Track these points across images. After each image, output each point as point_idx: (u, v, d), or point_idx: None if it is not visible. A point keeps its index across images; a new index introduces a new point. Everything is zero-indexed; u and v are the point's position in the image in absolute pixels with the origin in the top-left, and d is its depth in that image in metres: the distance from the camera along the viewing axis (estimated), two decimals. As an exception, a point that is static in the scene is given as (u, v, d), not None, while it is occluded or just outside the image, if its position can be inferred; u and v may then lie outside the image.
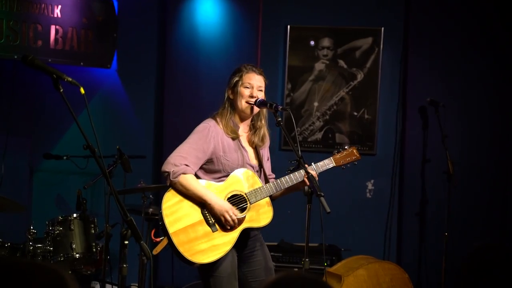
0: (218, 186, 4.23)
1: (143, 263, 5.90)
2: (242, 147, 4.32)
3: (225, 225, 4.17)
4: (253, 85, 4.30)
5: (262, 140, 4.40)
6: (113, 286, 5.96)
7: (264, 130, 4.42)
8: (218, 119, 4.32)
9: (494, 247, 2.60)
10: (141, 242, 3.24)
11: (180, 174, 4.13)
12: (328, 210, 3.91)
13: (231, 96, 4.35)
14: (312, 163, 4.35)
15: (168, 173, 4.14)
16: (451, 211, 6.17)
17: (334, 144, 6.84)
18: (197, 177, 4.25)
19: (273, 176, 4.50)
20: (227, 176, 4.24)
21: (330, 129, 6.88)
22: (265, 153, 4.47)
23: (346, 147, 4.49)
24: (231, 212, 4.15)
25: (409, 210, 6.73)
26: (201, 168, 4.25)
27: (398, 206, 6.82)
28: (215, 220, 4.18)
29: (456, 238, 6.29)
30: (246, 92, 4.29)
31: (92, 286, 6.31)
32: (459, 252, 6.39)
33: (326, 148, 6.81)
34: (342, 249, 6.48)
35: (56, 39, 6.16)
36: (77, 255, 5.44)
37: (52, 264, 2.44)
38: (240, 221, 4.20)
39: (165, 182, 4.29)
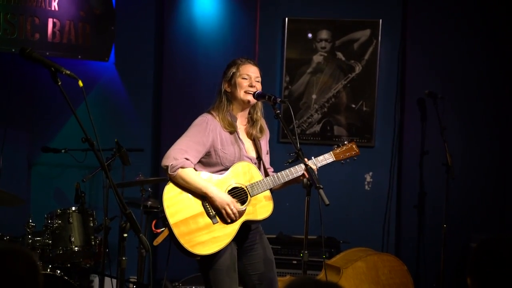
0: (219, 179, 4.23)
1: (142, 256, 5.91)
2: (240, 139, 4.32)
3: (225, 218, 4.17)
4: (251, 76, 4.31)
5: (261, 131, 4.41)
6: (112, 279, 5.96)
7: (262, 122, 4.44)
8: (214, 113, 4.32)
9: (503, 239, 2.60)
10: (140, 235, 3.25)
11: (178, 168, 4.13)
12: (327, 202, 3.91)
13: (228, 89, 4.35)
14: (312, 157, 4.37)
15: (168, 166, 4.14)
16: (450, 203, 6.18)
17: (332, 136, 6.84)
18: (196, 170, 4.25)
19: (272, 169, 4.51)
20: (225, 169, 4.25)
21: (328, 122, 6.88)
22: (264, 146, 4.47)
23: (345, 142, 4.52)
24: (232, 205, 4.15)
25: (408, 202, 6.73)
26: (199, 161, 4.26)
27: (397, 198, 6.83)
28: (216, 212, 4.19)
29: (454, 229, 6.30)
30: (244, 82, 4.30)
31: (91, 279, 6.32)
32: (457, 243, 6.42)
33: (324, 141, 6.82)
34: (341, 241, 6.49)
35: (53, 32, 6.15)
36: (76, 248, 5.44)
37: (21, 247, 2.46)
38: (241, 213, 4.21)
39: (164, 175, 4.30)
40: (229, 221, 4.18)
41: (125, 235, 3.34)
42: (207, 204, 4.19)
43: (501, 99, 6.67)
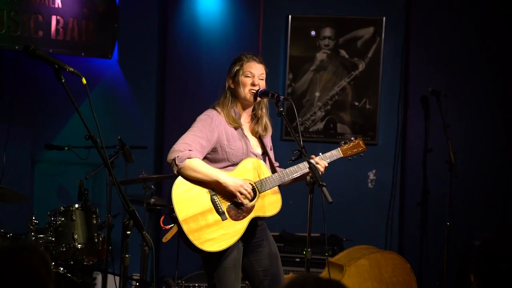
0: (228, 174, 4.22)
1: (145, 253, 5.91)
2: (245, 136, 4.32)
3: (242, 200, 4.16)
4: (254, 74, 4.29)
5: (265, 129, 4.41)
6: (115, 277, 5.96)
7: (266, 119, 4.43)
8: (219, 109, 4.31)
9: (506, 237, 2.60)
10: (143, 232, 3.25)
11: (185, 159, 4.10)
12: (330, 200, 3.91)
13: (232, 86, 4.33)
14: (320, 153, 4.36)
15: (174, 159, 4.12)
16: (453, 201, 6.16)
17: (336, 134, 6.83)
18: None
19: (277, 164, 4.51)
20: (232, 165, 4.24)
21: (331, 119, 6.87)
22: (268, 142, 4.47)
23: (352, 138, 4.54)
24: (245, 185, 4.15)
25: (411, 200, 6.72)
26: (205, 157, 4.25)
27: (400, 196, 6.82)
28: (228, 200, 4.18)
29: (457, 227, 6.29)
30: (248, 81, 4.28)
31: (94, 277, 6.32)
32: (461, 241, 6.41)
33: (327, 138, 6.81)
34: (344, 239, 6.49)
35: (57, 30, 6.15)
36: (79, 245, 5.44)
37: (34, 246, 2.48)
38: (249, 210, 4.21)
39: (167, 172, 4.29)
40: (246, 203, 4.18)
41: (128, 232, 3.34)
42: (216, 199, 4.18)
43: (504, 97, 6.66)
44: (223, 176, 4.16)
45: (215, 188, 4.19)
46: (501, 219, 6.61)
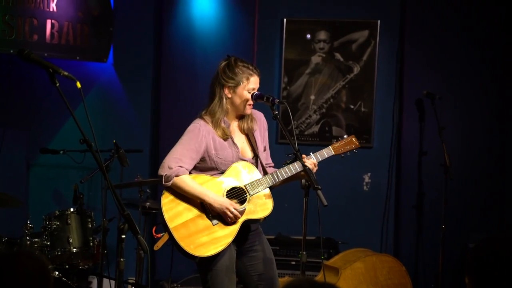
0: (217, 179, 4.22)
1: (140, 257, 5.91)
2: (234, 144, 4.28)
3: (228, 222, 4.16)
4: (255, 88, 4.28)
5: (252, 120, 4.35)
6: (111, 280, 5.96)
7: (251, 114, 4.37)
8: (207, 118, 4.26)
9: (501, 239, 2.60)
10: (138, 236, 3.24)
11: (173, 177, 4.12)
12: (325, 203, 3.92)
13: (228, 95, 4.26)
14: (311, 153, 4.33)
15: (162, 176, 4.14)
16: (448, 204, 6.18)
17: (331, 137, 6.83)
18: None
19: (272, 164, 4.48)
20: (221, 173, 4.23)
21: (326, 122, 6.88)
22: (261, 141, 4.41)
23: (345, 136, 4.52)
24: (231, 208, 4.14)
25: (406, 203, 6.73)
26: (194, 167, 4.24)
27: (395, 199, 6.83)
28: (216, 214, 4.18)
29: (453, 230, 6.30)
30: (248, 95, 4.25)
31: (90, 281, 6.31)
32: (456, 244, 6.42)
33: (323, 141, 6.81)
34: (340, 242, 6.49)
35: (52, 34, 6.14)
36: (74, 249, 5.43)
37: (32, 251, 2.49)
38: (241, 213, 4.20)
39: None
40: (231, 223, 4.18)
41: (124, 236, 3.33)
42: (206, 205, 4.18)
43: (499, 99, 6.67)
44: (208, 196, 4.14)
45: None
46: (496, 221, 6.62)
